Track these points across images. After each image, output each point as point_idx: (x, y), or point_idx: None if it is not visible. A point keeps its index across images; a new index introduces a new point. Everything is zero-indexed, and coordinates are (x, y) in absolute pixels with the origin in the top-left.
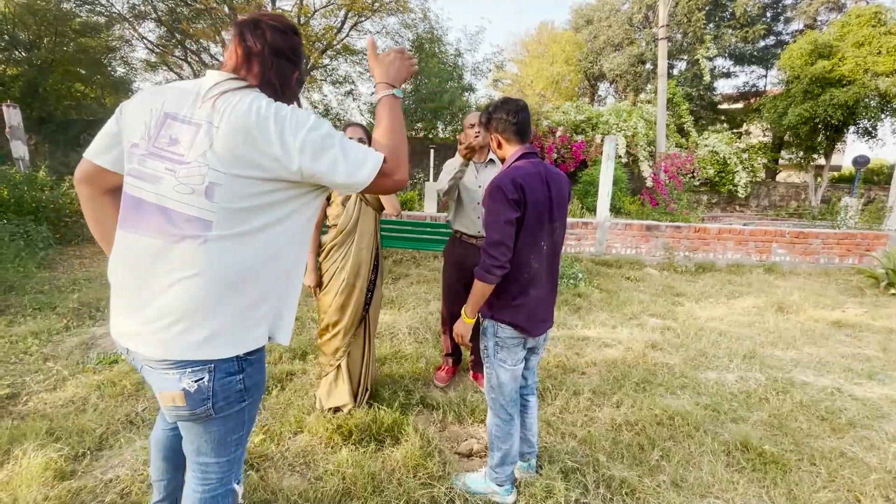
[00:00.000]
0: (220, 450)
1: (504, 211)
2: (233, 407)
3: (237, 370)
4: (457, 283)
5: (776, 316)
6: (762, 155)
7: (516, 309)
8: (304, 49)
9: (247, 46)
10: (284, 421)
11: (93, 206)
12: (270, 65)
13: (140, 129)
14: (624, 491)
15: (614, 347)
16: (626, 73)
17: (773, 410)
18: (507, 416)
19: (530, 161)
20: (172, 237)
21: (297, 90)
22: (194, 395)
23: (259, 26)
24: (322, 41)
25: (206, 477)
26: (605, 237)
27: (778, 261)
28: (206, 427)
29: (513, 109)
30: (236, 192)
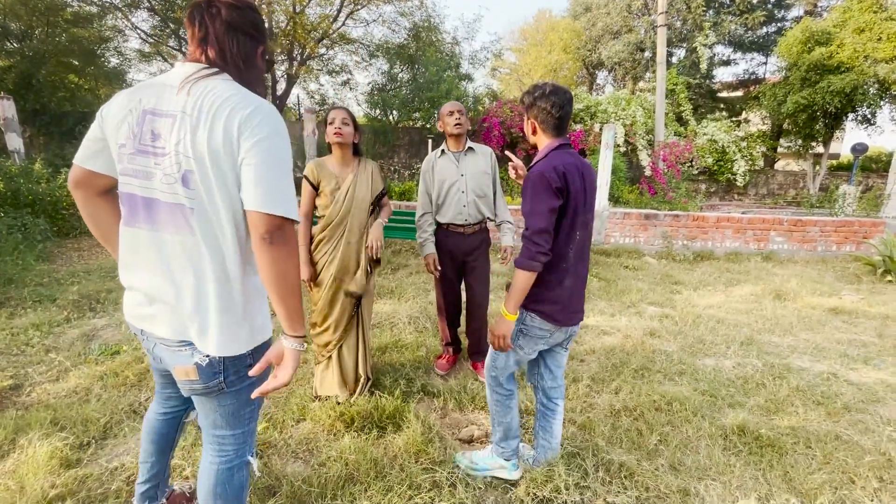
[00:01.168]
0: (235, 422)
1: (548, 199)
2: (244, 381)
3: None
4: (451, 272)
5: (773, 303)
6: (761, 143)
7: (552, 299)
8: (300, 38)
9: (203, 28)
10: (287, 409)
11: (89, 209)
12: (230, 42)
13: (124, 129)
14: (623, 474)
15: (613, 335)
16: (625, 61)
17: (770, 395)
18: (505, 391)
19: (567, 152)
20: (179, 227)
21: (264, 67)
22: (206, 369)
23: (212, 5)
24: (318, 30)
25: (223, 449)
26: (603, 226)
27: (776, 249)
28: (220, 401)
29: (558, 102)
30: (208, 178)
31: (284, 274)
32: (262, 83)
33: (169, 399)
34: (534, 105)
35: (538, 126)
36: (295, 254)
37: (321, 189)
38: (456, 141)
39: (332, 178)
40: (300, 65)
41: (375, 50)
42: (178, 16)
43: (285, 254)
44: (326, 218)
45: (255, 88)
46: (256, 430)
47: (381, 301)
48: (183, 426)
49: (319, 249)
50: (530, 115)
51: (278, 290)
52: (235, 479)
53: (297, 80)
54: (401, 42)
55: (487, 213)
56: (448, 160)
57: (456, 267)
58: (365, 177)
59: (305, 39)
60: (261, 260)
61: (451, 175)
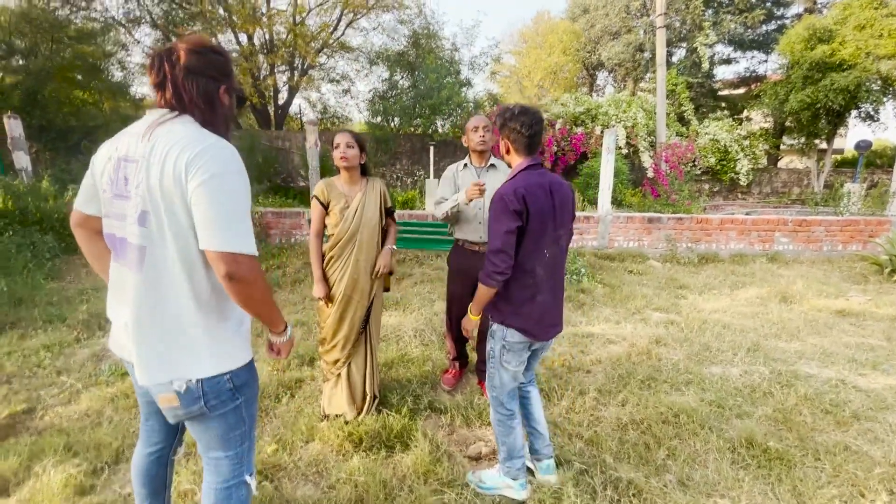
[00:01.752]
0: (226, 444)
1: (506, 220)
2: (227, 405)
3: (223, 374)
4: (461, 290)
5: (780, 306)
6: (763, 141)
7: (525, 315)
8: (301, 49)
9: (161, 74)
10: (296, 429)
11: (89, 245)
12: (189, 86)
13: (105, 176)
14: (631, 492)
15: (619, 344)
16: (625, 62)
17: (778, 405)
18: (506, 411)
19: (535, 172)
20: (137, 265)
21: (231, 103)
22: (185, 396)
23: (172, 52)
24: (318, 39)
25: (219, 470)
26: (607, 231)
27: (781, 250)
28: (208, 425)
29: (528, 122)
30: (163, 217)
31: (250, 299)
32: (227, 121)
33: (152, 434)
34: (505, 126)
35: (511, 146)
36: (257, 281)
37: (331, 208)
38: (480, 156)
39: (342, 198)
40: (301, 75)
41: (375, 58)
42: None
43: (247, 285)
44: (336, 236)
45: (219, 127)
46: (253, 451)
47: (386, 313)
48: (172, 464)
49: (330, 267)
50: (503, 136)
51: (248, 310)
52: (234, 499)
53: (298, 90)
54: (400, 49)
55: None
56: (470, 174)
57: (468, 284)
58: (373, 196)
59: (306, 50)
60: (227, 292)
61: (468, 183)
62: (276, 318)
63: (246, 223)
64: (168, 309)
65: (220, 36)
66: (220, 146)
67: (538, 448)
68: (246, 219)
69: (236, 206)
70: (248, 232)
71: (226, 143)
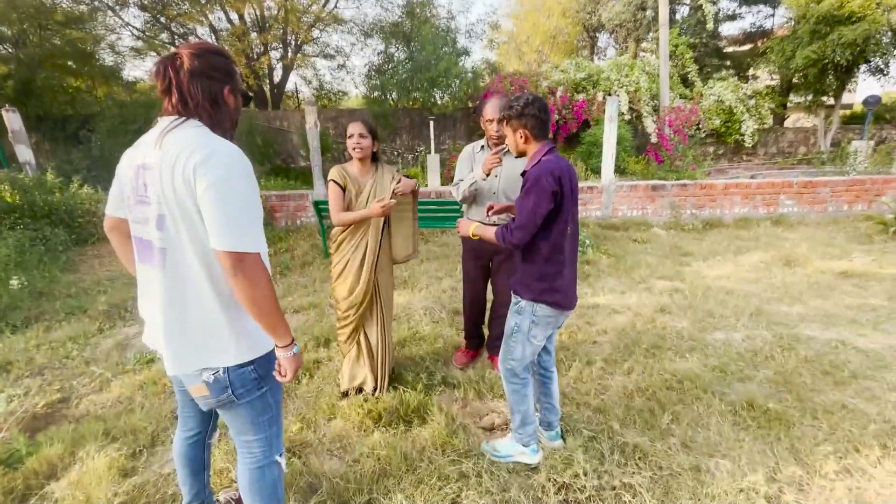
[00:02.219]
0: (256, 428)
1: (542, 201)
2: (253, 393)
3: (248, 363)
4: (474, 270)
5: (783, 270)
6: (770, 100)
7: (556, 289)
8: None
9: (165, 79)
10: (318, 409)
11: (122, 248)
12: (194, 89)
13: (128, 184)
14: (637, 456)
15: (624, 314)
16: (626, 23)
17: (779, 367)
18: (520, 380)
19: (556, 156)
20: (160, 266)
21: (237, 102)
22: (214, 386)
23: (176, 57)
24: (310, 13)
25: (251, 451)
26: (610, 200)
27: (786, 212)
28: (237, 411)
29: (542, 107)
30: (178, 220)
31: (253, 299)
32: (232, 119)
33: (188, 420)
34: (523, 115)
35: (529, 133)
36: (261, 282)
37: (347, 192)
38: (498, 141)
39: (356, 183)
40: (295, 52)
41: (369, 30)
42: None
43: (251, 283)
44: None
45: (224, 125)
46: (281, 433)
47: (395, 292)
48: (209, 447)
49: (340, 250)
50: (520, 126)
51: (251, 312)
52: (267, 477)
53: (293, 68)
54: (395, 20)
55: None
56: (486, 157)
57: (481, 265)
58: (384, 183)
59: (298, 25)
60: (233, 289)
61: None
62: (280, 329)
63: (252, 223)
64: (192, 304)
65: (211, 15)
66: (226, 150)
67: (551, 420)
68: (252, 218)
69: (241, 207)
70: (254, 231)
71: (232, 146)
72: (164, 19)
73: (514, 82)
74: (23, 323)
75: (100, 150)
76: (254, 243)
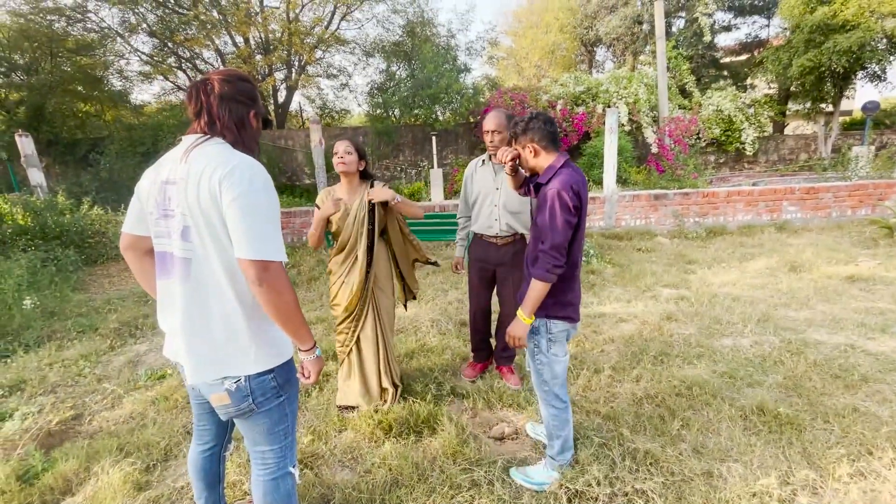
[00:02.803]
0: (272, 439)
1: (566, 216)
2: (271, 402)
3: (267, 371)
4: (478, 281)
5: (789, 276)
6: (768, 108)
7: (568, 302)
8: (297, 46)
9: (198, 102)
10: (328, 420)
11: (139, 266)
12: (224, 111)
13: (152, 200)
14: (648, 461)
15: (630, 322)
16: (623, 36)
17: (788, 372)
18: (562, 403)
19: (574, 168)
20: (184, 277)
21: (259, 125)
22: (235, 394)
23: (207, 82)
24: (312, 35)
25: (265, 463)
26: (613, 210)
27: (789, 218)
28: (255, 421)
29: (547, 119)
30: (203, 231)
31: (277, 307)
32: (256, 140)
33: (204, 434)
34: (528, 129)
35: (539, 147)
36: (284, 289)
37: (331, 218)
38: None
39: (341, 206)
40: (299, 73)
41: (371, 49)
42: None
43: (275, 291)
44: (339, 244)
45: (251, 146)
46: (295, 444)
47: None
48: (223, 460)
49: (336, 272)
50: (526, 141)
51: (276, 319)
52: (281, 489)
53: (297, 88)
54: (396, 40)
55: (521, 229)
56: (487, 171)
57: (485, 276)
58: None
59: (301, 47)
60: (257, 298)
61: (486, 186)
62: (303, 333)
63: (274, 233)
64: (214, 313)
65: (217, 39)
66: (248, 164)
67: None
68: (274, 229)
69: (265, 218)
70: (276, 241)
71: (252, 160)
72: (171, 44)
73: (514, 97)
74: (35, 342)
75: (108, 172)
76: (277, 252)
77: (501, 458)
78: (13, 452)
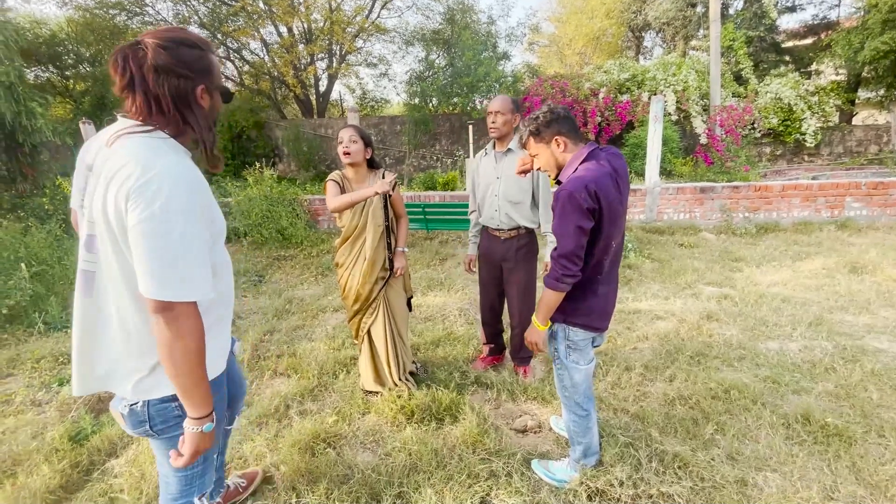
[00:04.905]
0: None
1: (578, 220)
2: (175, 430)
3: (171, 398)
4: (486, 276)
5: (849, 277)
6: (835, 96)
7: (588, 309)
8: (338, 35)
9: (126, 73)
10: (352, 403)
11: None
12: (159, 87)
13: (77, 181)
14: (677, 465)
15: (667, 320)
16: (674, 20)
17: (840, 381)
18: (583, 412)
19: (597, 161)
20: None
21: (215, 104)
22: (130, 418)
23: (137, 47)
24: (353, 24)
25: (167, 487)
26: (655, 203)
27: (853, 216)
28: (158, 444)
29: (566, 109)
30: (105, 243)
31: (171, 353)
32: (208, 122)
33: None
34: (551, 124)
35: (563, 140)
36: (187, 333)
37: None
38: (499, 141)
39: (350, 190)
40: (339, 62)
41: (411, 38)
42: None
43: (172, 335)
44: (345, 233)
45: (202, 134)
46: (206, 474)
47: (431, 293)
48: (227, 433)
49: (340, 266)
50: (551, 136)
51: (167, 368)
52: None
53: (337, 77)
54: (435, 27)
55: (522, 222)
56: (490, 160)
57: (492, 271)
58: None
59: (342, 36)
60: (153, 330)
61: (488, 176)
62: (197, 395)
63: (187, 268)
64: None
65: (262, 29)
66: (169, 176)
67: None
68: (191, 262)
69: (177, 249)
70: (188, 278)
71: (180, 169)
72: (220, 35)
73: (554, 85)
74: None
75: None
76: (187, 291)
77: (522, 451)
78: (67, 415)
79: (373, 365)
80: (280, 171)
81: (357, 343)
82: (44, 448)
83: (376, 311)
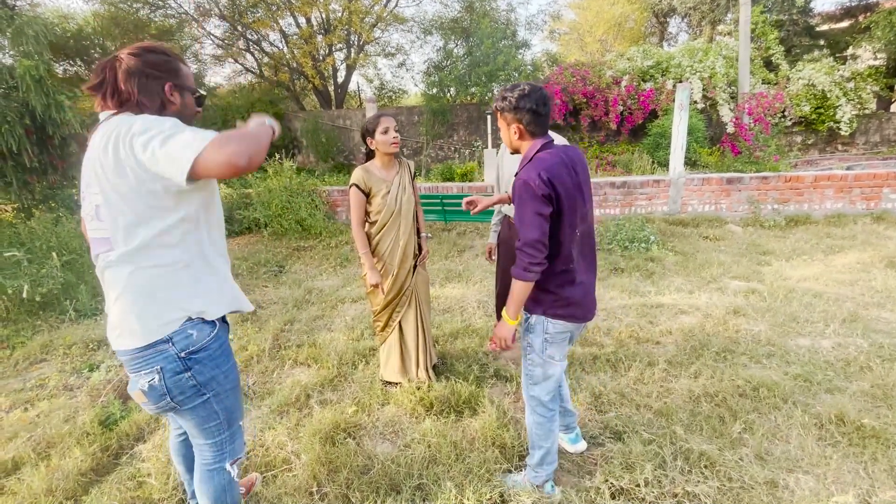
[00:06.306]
0: (204, 434)
1: (536, 207)
2: (194, 400)
3: (183, 369)
4: (502, 262)
5: (885, 272)
6: (873, 82)
7: (567, 300)
8: (356, 25)
9: (101, 75)
10: (372, 393)
11: None
12: (130, 85)
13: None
14: (703, 464)
15: (691, 314)
16: (701, 4)
17: (877, 380)
18: (548, 412)
19: (549, 151)
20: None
21: (186, 102)
22: (150, 393)
23: (116, 59)
24: (371, 14)
25: (202, 454)
26: (679, 194)
27: (890, 207)
28: (183, 416)
29: (541, 99)
30: (115, 206)
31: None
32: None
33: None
34: (517, 108)
35: (524, 129)
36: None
37: (372, 195)
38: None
39: (382, 183)
40: (357, 52)
41: (429, 27)
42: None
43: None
44: (380, 221)
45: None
46: (236, 441)
47: (449, 285)
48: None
49: (376, 249)
50: (514, 120)
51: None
52: (215, 481)
53: (355, 67)
54: (454, 16)
55: None
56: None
57: (511, 259)
58: (407, 176)
59: (360, 26)
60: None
61: (512, 168)
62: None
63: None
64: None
65: (281, 20)
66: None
67: (568, 423)
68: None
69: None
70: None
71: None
72: (240, 27)
73: (575, 73)
74: None
75: None
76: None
77: None
78: (97, 400)
79: (400, 355)
80: (299, 162)
81: (382, 335)
82: (75, 432)
83: (409, 300)
